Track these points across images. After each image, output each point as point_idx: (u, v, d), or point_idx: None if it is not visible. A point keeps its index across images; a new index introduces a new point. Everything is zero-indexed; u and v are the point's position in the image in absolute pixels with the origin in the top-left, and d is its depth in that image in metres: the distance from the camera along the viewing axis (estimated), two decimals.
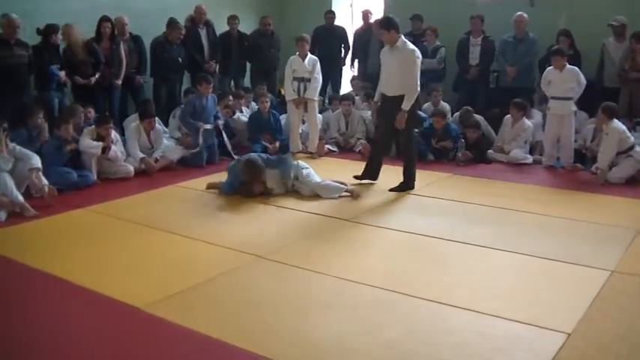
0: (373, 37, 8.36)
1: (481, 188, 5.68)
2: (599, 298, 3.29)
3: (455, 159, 6.85)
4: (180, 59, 7.65)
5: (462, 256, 3.95)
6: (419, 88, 5.35)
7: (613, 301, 3.27)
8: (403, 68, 5.27)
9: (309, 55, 7.06)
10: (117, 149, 6.02)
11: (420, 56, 5.40)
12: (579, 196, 5.46)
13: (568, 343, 2.83)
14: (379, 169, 5.74)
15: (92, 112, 6.61)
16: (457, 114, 7.50)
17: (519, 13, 7.60)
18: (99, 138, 5.92)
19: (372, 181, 5.70)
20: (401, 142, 5.74)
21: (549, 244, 4.14)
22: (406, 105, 5.28)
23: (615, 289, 3.42)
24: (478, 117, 7.27)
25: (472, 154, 6.81)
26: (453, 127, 7.11)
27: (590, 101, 6.72)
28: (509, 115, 7.00)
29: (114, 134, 6.10)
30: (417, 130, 6.76)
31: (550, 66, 6.57)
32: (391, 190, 5.50)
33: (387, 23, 5.39)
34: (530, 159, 6.79)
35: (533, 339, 2.87)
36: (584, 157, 6.60)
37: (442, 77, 8.31)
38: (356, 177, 5.63)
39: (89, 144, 5.81)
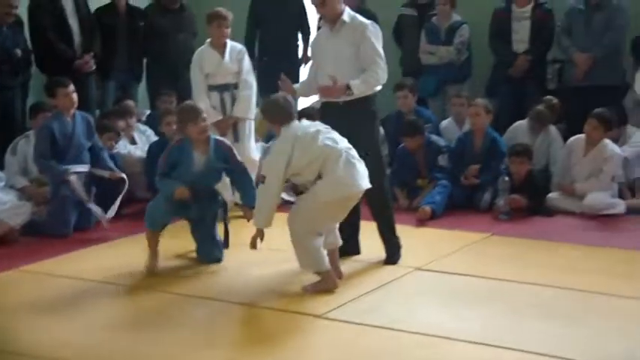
0: None
1: (539, 257, 5.73)
2: None
3: (493, 209, 6.92)
4: (18, 51, 7.59)
5: None
6: (385, 77, 5.51)
7: None
8: (361, 55, 5.44)
9: (232, 43, 7.07)
10: None
11: (378, 31, 5.55)
12: None
13: None
14: (357, 233, 5.74)
15: None
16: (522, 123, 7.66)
17: None
18: None
19: (353, 254, 5.73)
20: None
21: None
22: (359, 86, 5.36)
23: None
24: (552, 130, 7.55)
25: (523, 198, 6.88)
26: (501, 147, 7.29)
27: None
28: (579, 137, 7.13)
29: None
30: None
31: None
32: (387, 262, 5.61)
33: None
34: (621, 207, 6.90)
35: None
36: None
37: (466, 75, 8.46)
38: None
39: None
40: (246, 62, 7.12)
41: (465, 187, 7.21)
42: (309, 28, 9.08)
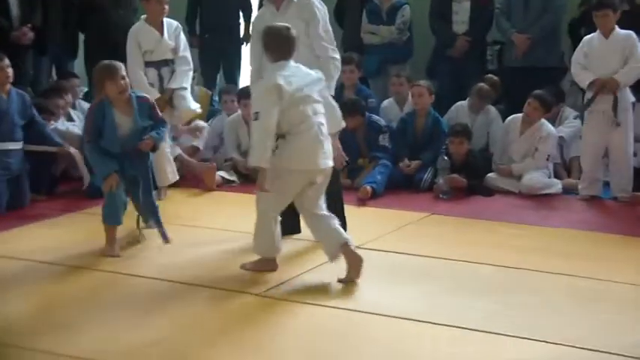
0: None
1: (478, 236, 5.81)
2: None
3: (433, 188, 7.00)
4: None
5: (453, 347, 3.95)
6: (338, 56, 5.52)
7: None
8: (311, 34, 5.44)
9: (167, 20, 6.99)
10: None
11: (325, 9, 5.55)
12: None
13: None
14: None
15: None
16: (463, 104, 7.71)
17: None
18: None
19: (294, 233, 5.69)
20: None
21: (593, 326, 4.19)
22: (332, 87, 5.41)
23: None
24: (492, 110, 7.63)
25: (462, 178, 6.97)
26: (442, 126, 7.36)
27: None
28: (517, 116, 7.26)
29: None
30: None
31: (590, 33, 6.71)
32: None
33: None
34: (557, 186, 7.02)
35: None
36: None
37: (408, 55, 8.48)
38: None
39: None
40: (183, 39, 7.04)
41: None
42: (250, 5, 9.09)
